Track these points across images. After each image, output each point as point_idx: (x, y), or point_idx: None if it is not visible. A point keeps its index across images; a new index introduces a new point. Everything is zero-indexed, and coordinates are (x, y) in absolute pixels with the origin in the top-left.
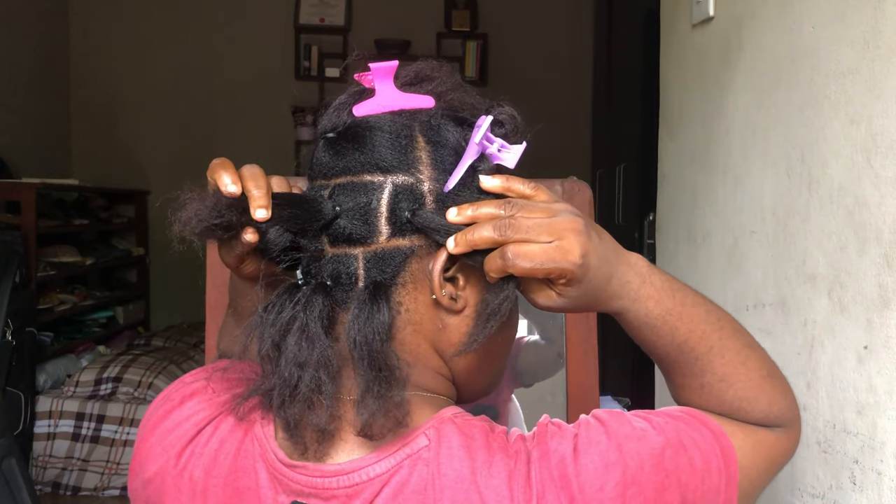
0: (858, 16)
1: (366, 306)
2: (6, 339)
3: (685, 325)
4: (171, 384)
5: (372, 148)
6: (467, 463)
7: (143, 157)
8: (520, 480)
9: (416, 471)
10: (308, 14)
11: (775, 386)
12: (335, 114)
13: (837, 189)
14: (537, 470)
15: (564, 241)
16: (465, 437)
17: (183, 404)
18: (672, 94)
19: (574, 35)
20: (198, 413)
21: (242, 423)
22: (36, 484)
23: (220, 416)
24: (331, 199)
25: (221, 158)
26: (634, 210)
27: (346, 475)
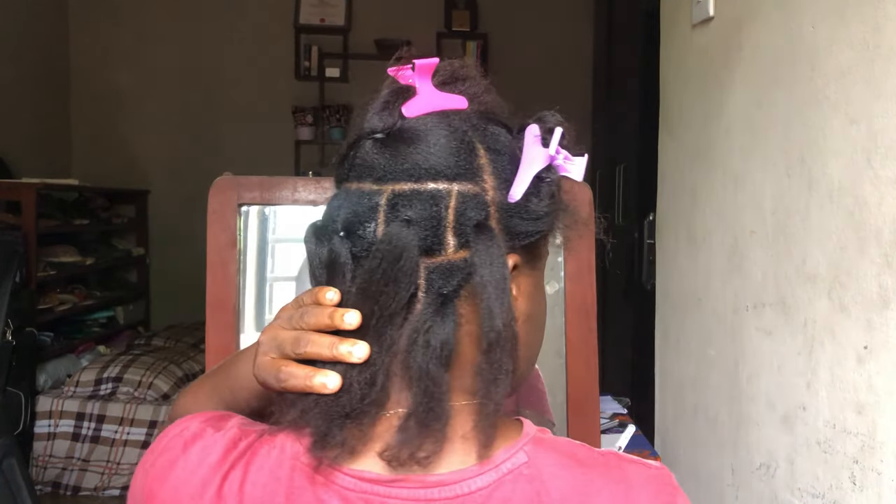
0: (858, 16)
1: (432, 320)
2: (6, 339)
3: None
4: (156, 440)
5: (434, 153)
6: (570, 482)
7: (143, 157)
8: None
9: (518, 487)
10: (308, 14)
11: None
12: (385, 113)
13: (837, 189)
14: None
15: None
16: (563, 456)
17: (188, 450)
18: (672, 94)
19: (574, 35)
20: (209, 455)
21: (281, 460)
22: (36, 484)
23: (241, 456)
24: (391, 207)
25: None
26: (634, 210)
27: (448, 486)
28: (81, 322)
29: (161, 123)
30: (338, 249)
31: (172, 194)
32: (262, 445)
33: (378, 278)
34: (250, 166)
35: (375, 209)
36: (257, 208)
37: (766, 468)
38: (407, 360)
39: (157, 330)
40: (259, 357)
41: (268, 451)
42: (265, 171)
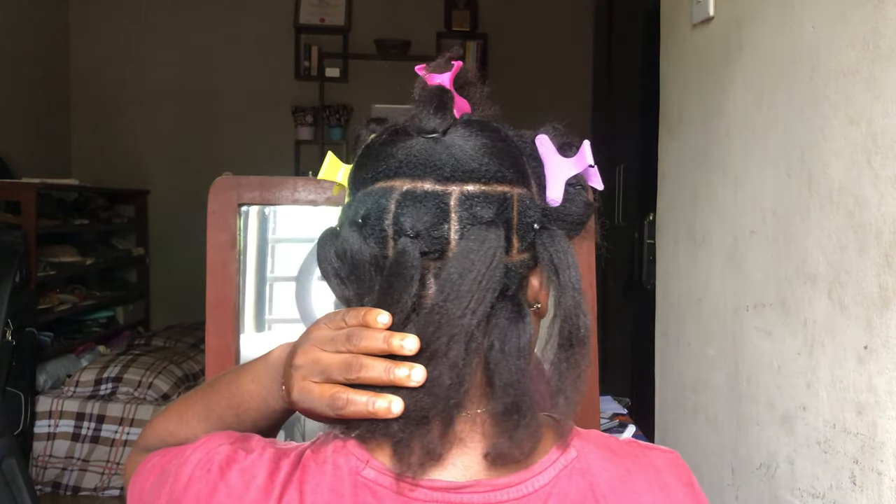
0: (858, 16)
1: (513, 319)
2: (6, 339)
3: None
4: (181, 466)
5: (496, 156)
6: (614, 473)
7: (143, 157)
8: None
9: (573, 482)
10: (308, 14)
11: None
12: (442, 114)
13: (837, 189)
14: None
15: None
16: (602, 449)
17: (225, 475)
18: (672, 94)
19: (574, 35)
20: (255, 478)
21: (339, 476)
22: (36, 484)
23: (290, 477)
24: (464, 208)
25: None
26: (634, 210)
27: (515, 487)
28: (81, 322)
29: (161, 123)
30: (409, 251)
31: (172, 194)
32: (309, 464)
33: (471, 279)
34: (250, 166)
35: (446, 210)
36: (257, 208)
37: (766, 468)
38: (493, 360)
39: (157, 330)
40: (299, 382)
41: (318, 468)
42: (265, 171)
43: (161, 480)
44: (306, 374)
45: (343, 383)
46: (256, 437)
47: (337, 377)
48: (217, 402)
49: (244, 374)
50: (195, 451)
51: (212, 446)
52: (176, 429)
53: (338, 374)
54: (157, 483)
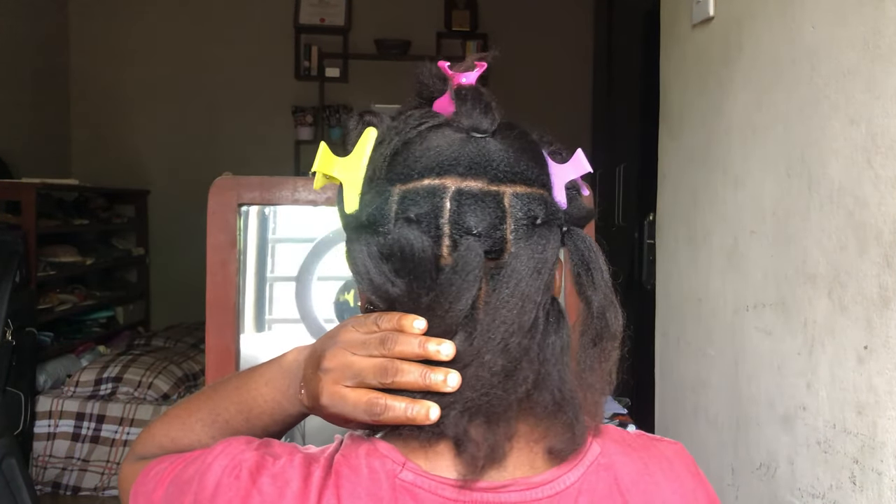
0: (858, 16)
1: (558, 318)
2: (6, 339)
3: None
4: (205, 473)
5: (534, 159)
6: (633, 467)
7: (143, 157)
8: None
9: (599, 478)
10: (308, 14)
11: None
12: (490, 115)
13: (837, 189)
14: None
15: None
16: (619, 444)
17: (257, 482)
18: (672, 93)
19: (574, 35)
20: (288, 485)
21: (376, 480)
22: (36, 484)
23: (321, 484)
24: (517, 209)
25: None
26: (634, 210)
27: (549, 484)
28: (81, 322)
29: (161, 123)
30: (475, 250)
31: (172, 194)
32: (342, 469)
33: (537, 279)
34: (250, 166)
35: (503, 210)
36: (257, 208)
37: (766, 468)
38: (544, 358)
39: (157, 330)
40: (329, 387)
41: (353, 473)
42: (265, 171)
43: (179, 489)
44: (338, 379)
45: (377, 388)
46: (277, 443)
47: (371, 381)
48: (225, 408)
49: (256, 377)
50: (218, 457)
51: (235, 452)
52: (179, 435)
53: (372, 379)
54: (173, 491)
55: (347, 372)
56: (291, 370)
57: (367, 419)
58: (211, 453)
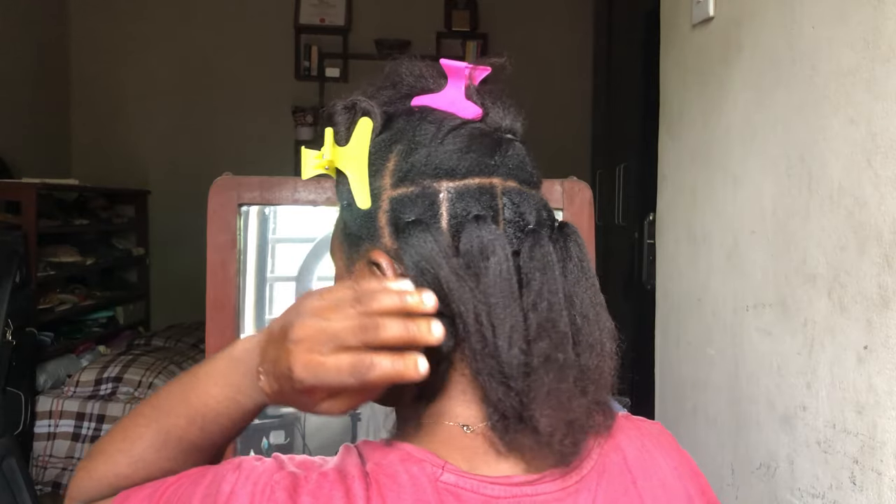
0: (858, 16)
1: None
2: (6, 339)
3: None
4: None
5: (530, 161)
6: (634, 445)
7: (143, 157)
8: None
9: (610, 459)
10: (308, 14)
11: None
12: (517, 118)
13: (837, 189)
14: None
15: None
16: (618, 426)
17: (298, 501)
18: (672, 93)
19: (574, 35)
20: (331, 499)
21: (419, 485)
22: (36, 484)
23: (365, 493)
24: (545, 209)
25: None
26: (634, 210)
27: (576, 471)
28: (81, 322)
29: (161, 123)
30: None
31: (172, 194)
32: (381, 478)
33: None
34: (250, 166)
35: (542, 211)
36: (257, 208)
37: (766, 468)
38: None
39: (157, 330)
40: (303, 357)
41: (393, 481)
42: (265, 171)
43: None
44: (312, 347)
45: (357, 349)
46: (285, 457)
47: (351, 342)
48: (174, 424)
49: (202, 379)
50: (238, 482)
51: (257, 473)
52: (129, 472)
53: (352, 339)
54: None
55: (322, 337)
56: (243, 360)
57: (353, 382)
58: (224, 480)
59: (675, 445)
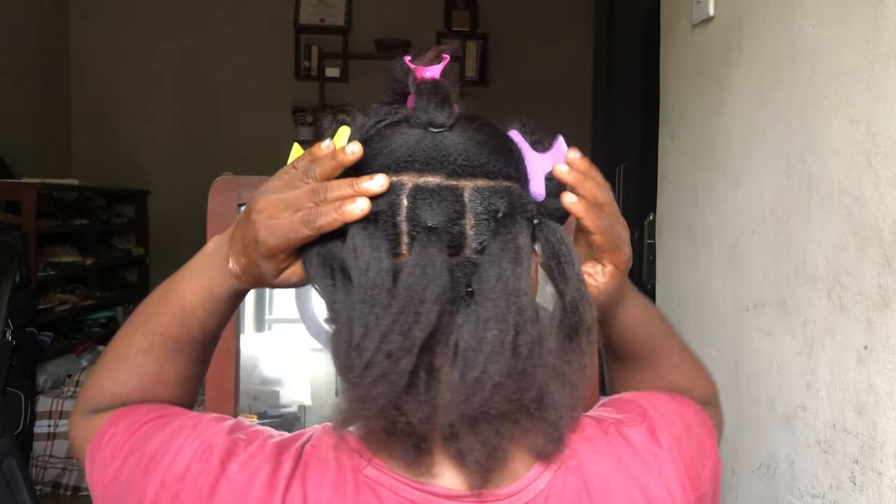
0: (858, 16)
1: (534, 314)
2: (6, 339)
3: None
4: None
5: (499, 151)
6: (603, 466)
7: (143, 157)
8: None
9: (568, 482)
10: (308, 14)
11: (703, 371)
12: (447, 108)
13: (837, 189)
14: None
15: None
16: (588, 442)
17: (227, 469)
18: (672, 93)
19: (574, 35)
20: (258, 473)
21: (342, 473)
22: (36, 484)
23: (293, 472)
24: (478, 203)
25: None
26: (634, 210)
27: (517, 495)
28: (81, 322)
29: (161, 123)
30: (434, 244)
31: (172, 194)
32: (311, 460)
33: (517, 268)
34: (250, 166)
35: (462, 204)
36: None
37: (766, 468)
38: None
39: None
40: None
41: (320, 465)
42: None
43: (144, 468)
44: (272, 213)
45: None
46: (250, 425)
47: (306, 204)
48: (158, 322)
49: (179, 277)
50: (188, 440)
51: (206, 435)
52: (125, 377)
53: (307, 201)
54: (138, 470)
55: (280, 205)
56: (214, 253)
57: (308, 232)
58: (181, 433)
59: (682, 462)
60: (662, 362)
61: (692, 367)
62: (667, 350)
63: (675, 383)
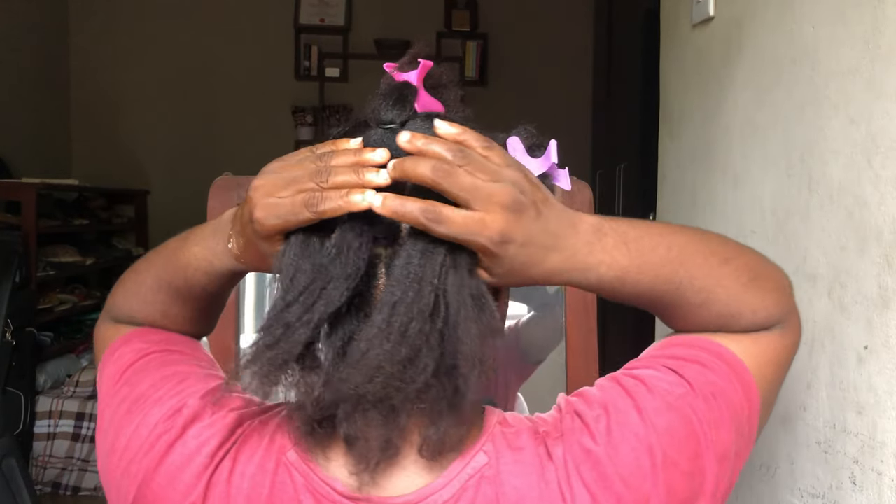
0: (858, 16)
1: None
2: (6, 339)
3: (646, 276)
4: (153, 405)
5: None
6: (524, 479)
7: (143, 157)
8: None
9: (480, 491)
10: (308, 14)
11: (759, 289)
12: (399, 106)
13: (837, 189)
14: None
15: (488, 216)
16: (516, 452)
17: (185, 433)
18: (672, 93)
19: (574, 35)
20: (208, 442)
21: (270, 451)
22: (36, 484)
23: (233, 444)
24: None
25: None
26: (634, 210)
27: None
28: (81, 322)
29: (161, 123)
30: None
31: (172, 194)
32: (253, 433)
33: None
34: (250, 166)
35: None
36: None
37: (766, 468)
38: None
39: None
40: (263, 199)
41: (258, 440)
42: None
43: (129, 408)
44: (271, 191)
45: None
46: (233, 396)
47: (307, 184)
48: (165, 271)
49: (190, 239)
50: (168, 393)
51: (184, 395)
52: (138, 307)
53: (308, 182)
54: (123, 404)
55: (280, 183)
56: (221, 226)
57: (308, 215)
58: (172, 380)
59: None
60: (677, 304)
61: (729, 296)
62: (679, 293)
63: (706, 321)
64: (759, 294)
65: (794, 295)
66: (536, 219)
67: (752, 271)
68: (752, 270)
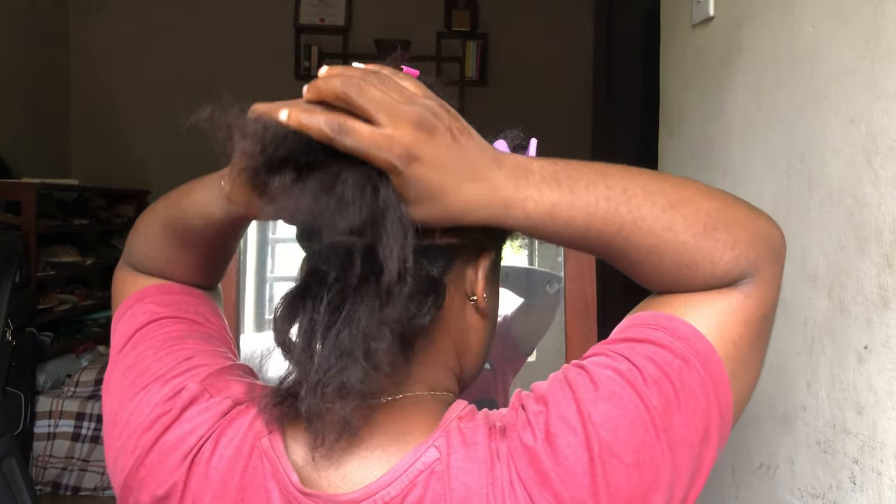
0: (858, 16)
1: (419, 300)
2: (6, 339)
3: (580, 213)
4: (157, 386)
5: None
6: (474, 476)
7: (143, 157)
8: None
9: (429, 487)
10: (308, 14)
11: (718, 238)
12: None
13: (837, 189)
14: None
15: (396, 131)
16: (469, 448)
17: (182, 415)
18: (672, 93)
19: (574, 35)
20: (199, 427)
21: (248, 436)
22: (36, 484)
23: (217, 429)
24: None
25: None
26: None
27: (367, 500)
28: (81, 322)
29: (161, 123)
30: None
31: None
32: (238, 417)
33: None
34: None
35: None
36: None
37: (766, 468)
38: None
39: None
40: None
41: (240, 423)
42: None
43: (133, 380)
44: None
45: None
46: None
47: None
48: (171, 215)
49: (196, 185)
50: (173, 371)
51: (187, 376)
52: (149, 252)
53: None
54: (129, 373)
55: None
56: (224, 171)
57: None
58: (178, 353)
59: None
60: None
61: (683, 244)
62: (622, 235)
63: (660, 272)
64: (718, 243)
65: (778, 250)
66: (451, 145)
67: (712, 218)
68: (712, 217)
